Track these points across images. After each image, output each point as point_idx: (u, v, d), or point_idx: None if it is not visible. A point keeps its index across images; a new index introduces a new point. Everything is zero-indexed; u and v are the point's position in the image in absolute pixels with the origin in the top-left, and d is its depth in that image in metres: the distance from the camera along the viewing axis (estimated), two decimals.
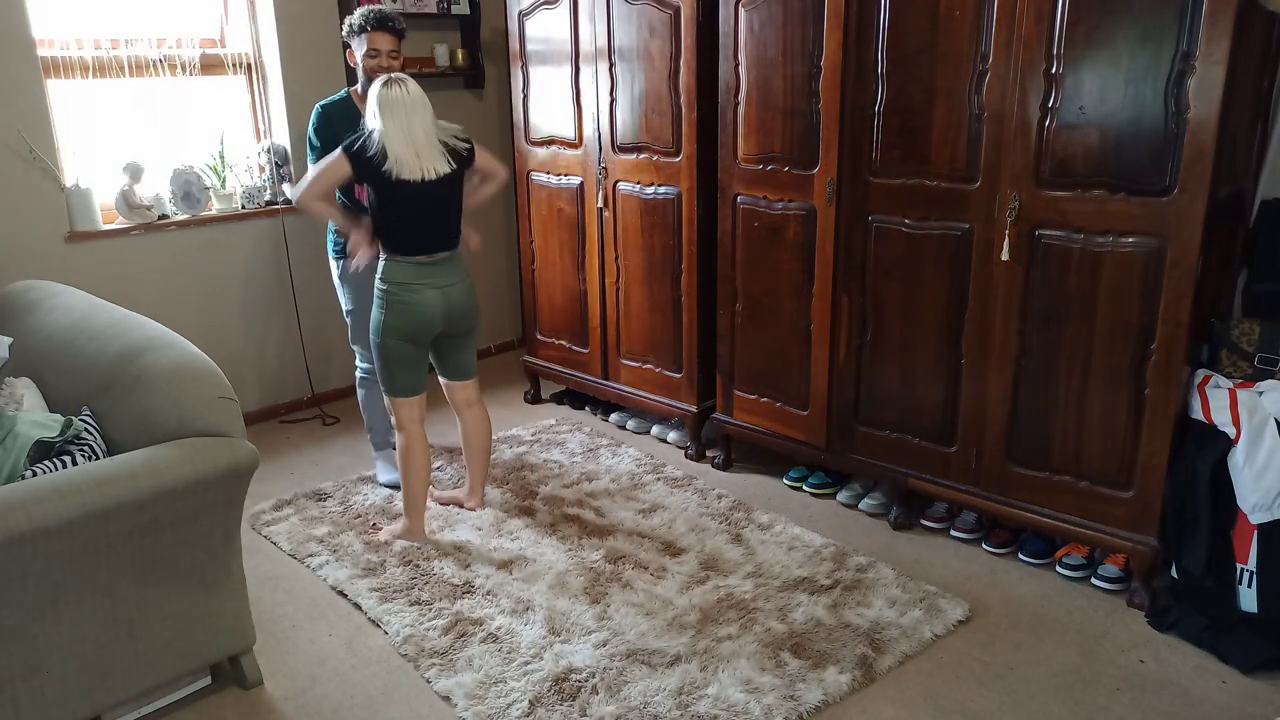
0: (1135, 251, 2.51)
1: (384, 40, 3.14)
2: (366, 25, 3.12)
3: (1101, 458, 2.69)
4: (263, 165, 4.07)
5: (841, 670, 2.40)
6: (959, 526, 3.09)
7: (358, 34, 3.14)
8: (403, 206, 2.80)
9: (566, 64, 3.73)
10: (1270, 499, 2.47)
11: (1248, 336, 2.70)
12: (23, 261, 3.40)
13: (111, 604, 2.07)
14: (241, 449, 2.18)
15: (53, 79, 3.47)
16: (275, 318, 4.16)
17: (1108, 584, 2.77)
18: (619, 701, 2.30)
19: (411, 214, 2.83)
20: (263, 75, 4.03)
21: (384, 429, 3.55)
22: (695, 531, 3.10)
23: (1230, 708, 2.30)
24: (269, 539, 3.14)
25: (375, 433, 3.58)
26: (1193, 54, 2.31)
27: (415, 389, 2.98)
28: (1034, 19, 2.52)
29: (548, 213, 4.01)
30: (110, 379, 2.31)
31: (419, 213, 2.83)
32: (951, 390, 2.95)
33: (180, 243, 3.82)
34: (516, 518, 3.20)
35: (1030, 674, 2.43)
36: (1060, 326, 2.68)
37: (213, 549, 2.23)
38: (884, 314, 3.05)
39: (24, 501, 1.87)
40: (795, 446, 3.39)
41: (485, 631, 2.57)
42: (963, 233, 2.80)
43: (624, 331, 3.85)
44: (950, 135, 2.75)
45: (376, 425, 3.56)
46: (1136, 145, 2.44)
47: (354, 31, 3.15)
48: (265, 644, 2.57)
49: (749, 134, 3.22)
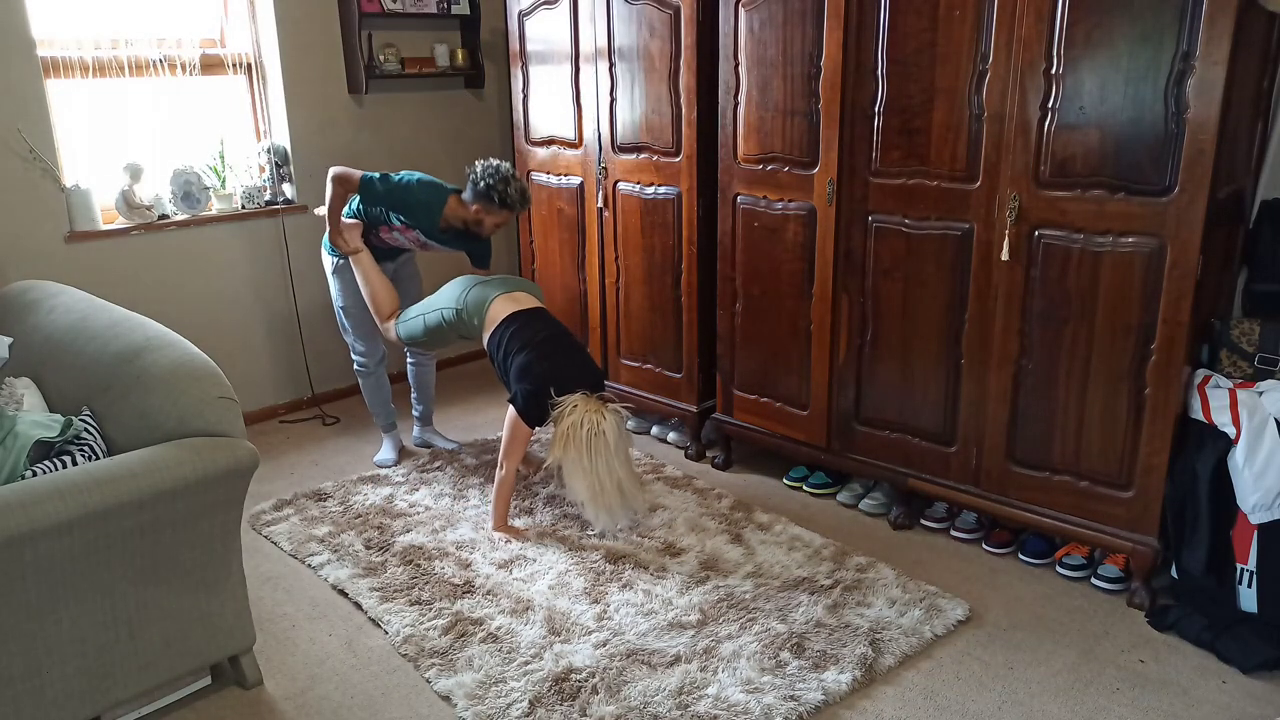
0: (1135, 252, 2.51)
1: (509, 219, 3.30)
2: (510, 205, 3.21)
3: (1101, 458, 2.69)
4: (263, 165, 4.07)
5: (841, 670, 2.40)
6: (959, 526, 3.09)
7: (497, 205, 3.20)
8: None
9: (566, 64, 3.73)
10: (1270, 499, 2.47)
11: (1248, 336, 2.70)
12: (23, 261, 3.41)
13: (111, 604, 2.07)
14: (241, 449, 2.18)
15: (53, 79, 3.46)
16: (275, 318, 4.16)
17: (1108, 584, 2.77)
18: (619, 701, 2.30)
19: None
20: (263, 75, 4.03)
21: (386, 412, 3.73)
22: (695, 531, 3.10)
23: (1230, 708, 2.30)
24: (269, 539, 3.14)
25: (379, 416, 3.74)
26: (1193, 54, 2.31)
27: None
28: (1034, 19, 2.52)
29: (548, 213, 4.01)
30: (110, 379, 2.31)
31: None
32: (951, 390, 2.95)
33: (180, 243, 3.82)
34: (516, 517, 3.20)
35: (1030, 674, 2.43)
36: (1060, 326, 2.68)
37: (213, 549, 2.23)
38: (884, 314, 3.05)
39: (24, 501, 1.87)
40: (795, 446, 3.39)
41: (485, 631, 2.57)
42: (963, 233, 2.80)
43: (624, 331, 3.85)
44: (950, 135, 2.75)
45: (379, 410, 3.72)
46: (1136, 145, 2.44)
47: (494, 201, 3.19)
48: (265, 644, 2.57)
49: (749, 134, 3.22)
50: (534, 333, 2.99)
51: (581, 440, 2.77)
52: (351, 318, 3.54)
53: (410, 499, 3.36)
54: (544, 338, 2.99)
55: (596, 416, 2.79)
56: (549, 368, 2.90)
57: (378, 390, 3.68)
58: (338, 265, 3.46)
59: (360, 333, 3.56)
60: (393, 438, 3.75)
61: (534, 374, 2.89)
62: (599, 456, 2.77)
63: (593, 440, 2.77)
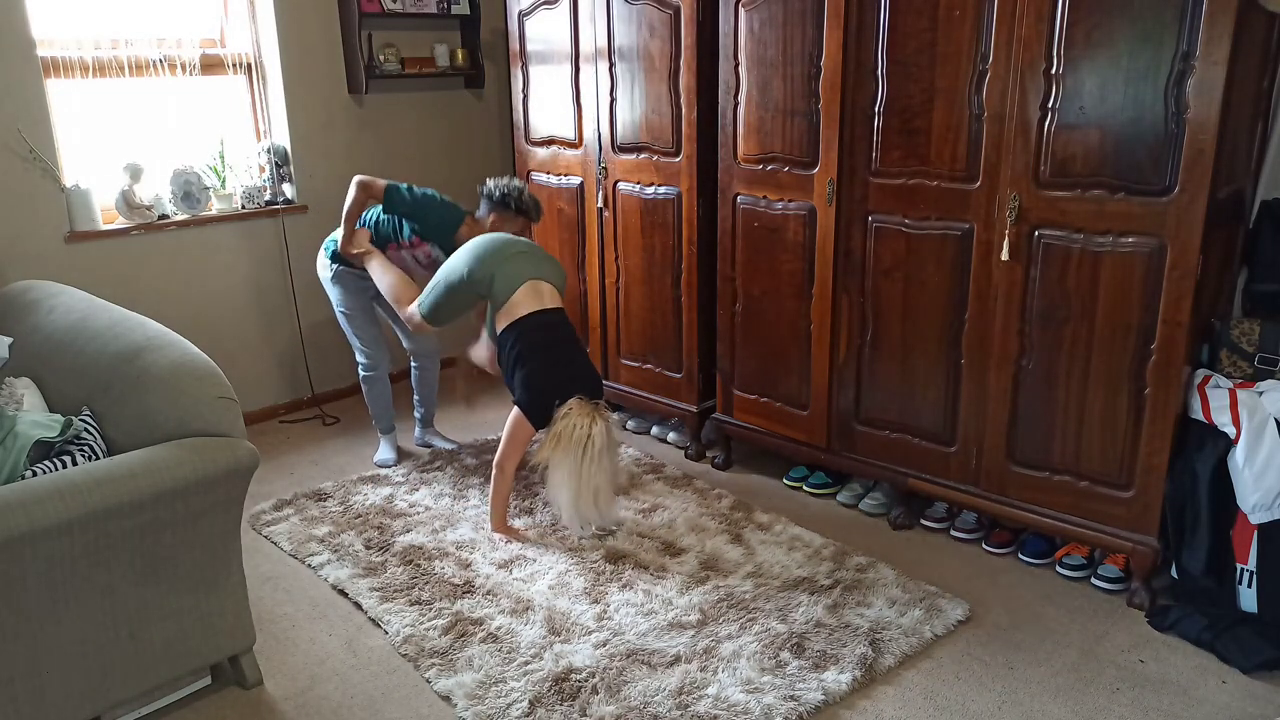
0: (1135, 252, 2.51)
1: (523, 226, 3.35)
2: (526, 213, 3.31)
3: (1101, 458, 2.69)
4: (263, 165, 4.07)
5: (841, 670, 2.40)
6: (959, 526, 3.09)
7: (513, 212, 3.28)
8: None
9: (566, 64, 3.73)
10: (1270, 499, 2.47)
11: (1248, 336, 2.70)
12: (23, 261, 3.40)
13: (111, 604, 2.07)
14: (241, 449, 2.18)
15: (53, 79, 3.46)
16: (275, 318, 4.16)
17: (1108, 584, 2.77)
18: (619, 701, 2.30)
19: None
20: (263, 75, 4.02)
21: (387, 415, 3.75)
22: (695, 531, 3.10)
23: (1230, 708, 2.30)
24: (269, 539, 3.14)
25: (379, 419, 3.75)
26: (1193, 54, 2.31)
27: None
28: (1034, 19, 2.52)
29: (548, 213, 4.01)
30: (110, 379, 2.31)
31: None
32: (951, 390, 2.95)
33: (180, 243, 3.82)
34: (516, 517, 3.20)
35: (1030, 674, 2.43)
36: (1060, 327, 2.68)
37: (213, 549, 2.23)
38: (884, 314, 3.05)
39: (24, 501, 1.87)
40: (795, 446, 3.39)
41: (485, 631, 2.57)
42: (963, 233, 2.80)
43: (624, 331, 3.85)
44: (950, 135, 2.75)
45: (380, 414, 3.73)
46: (1136, 145, 2.44)
47: (509, 207, 3.27)
48: (265, 644, 2.57)
49: (749, 134, 3.22)
50: (544, 337, 3.01)
51: (570, 443, 2.81)
52: (354, 323, 3.56)
53: (410, 499, 3.36)
54: (555, 339, 3.01)
55: (588, 421, 2.83)
56: (556, 373, 2.95)
57: (380, 395, 3.70)
58: (336, 272, 3.46)
59: (363, 337, 3.58)
60: (391, 439, 3.77)
61: (541, 378, 2.94)
62: (583, 461, 2.82)
63: (581, 444, 2.82)
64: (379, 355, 3.62)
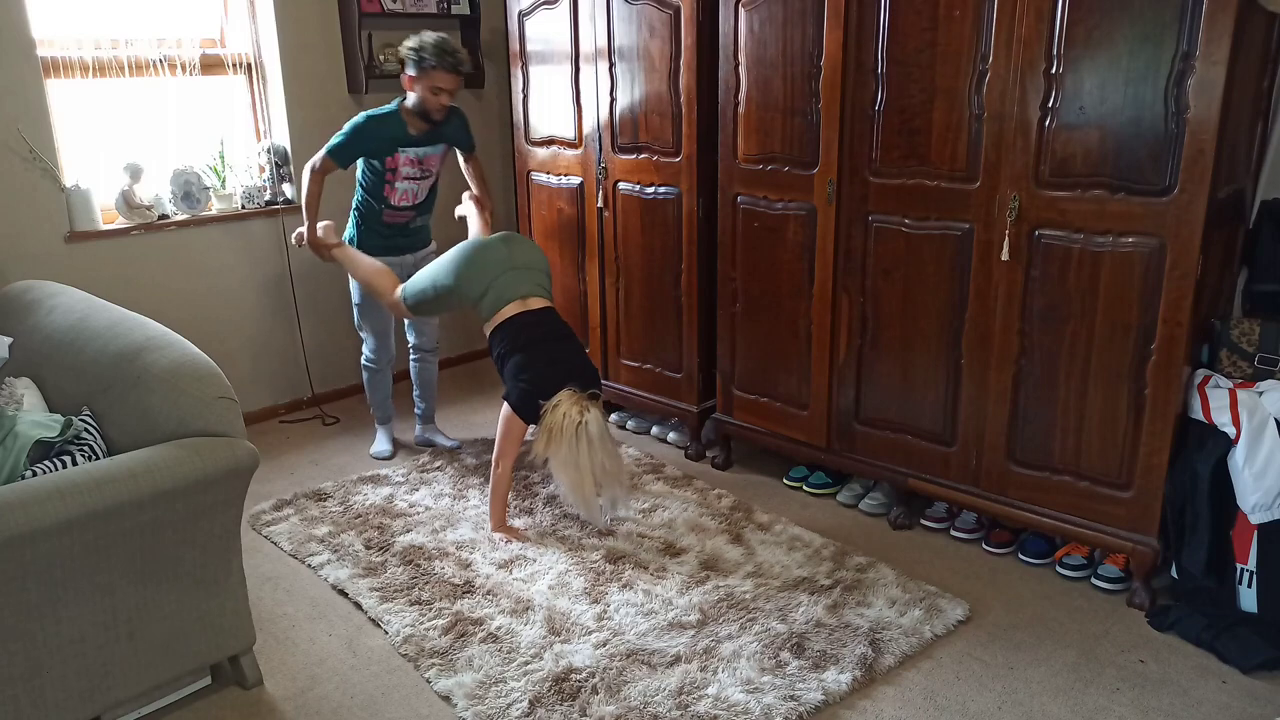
0: (1135, 251, 2.50)
1: (449, 80, 3.26)
2: (435, 63, 3.21)
3: (1101, 458, 2.69)
4: (263, 165, 4.07)
5: (841, 670, 2.40)
6: (959, 526, 3.09)
7: (423, 68, 3.22)
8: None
9: (566, 64, 3.73)
10: (1270, 499, 2.47)
11: (1248, 336, 2.70)
12: (23, 261, 3.40)
13: (111, 604, 2.07)
14: (241, 449, 2.18)
15: (53, 79, 3.46)
16: (275, 318, 4.16)
17: (1108, 584, 2.77)
18: (619, 701, 2.30)
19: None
20: (263, 75, 4.02)
21: (386, 406, 3.79)
22: (695, 531, 3.10)
23: (1230, 708, 2.30)
24: (269, 539, 3.14)
25: (377, 409, 3.79)
26: (1193, 54, 2.31)
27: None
28: (1034, 19, 2.52)
29: (548, 213, 4.01)
30: (110, 379, 2.31)
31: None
32: (951, 390, 2.95)
33: (180, 243, 3.82)
34: (516, 517, 3.20)
35: (1030, 674, 2.43)
36: (1060, 326, 2.68)
37: (213, 549, 2.23)
38: (884, 314, 3.05)
39: (24, 501, 1.87)
40: (795, 446, 3.39)
41: (485, 631, 2.57)
42: (963, 233, 2.80)
43: (624, 331, 3.85)
44: (950, 135, 2.75)
45: (379, 404, 3.77)
46: (1136, 145, 2.44)
47: (420, 64, 3.22)
48: (265, 644, 2.57)
49: (749, 134, 3.22)
50: (534, 332, 3.04)
51: (563, 435, 2.83)
52: (367, 315, 3.59)
53: (410, 499, 3.36)
54: (541, 335, 3.04)
55: (578, 410, 2.85)
56: (543, 367, 2.96)
57: (381, 385, 3.74)
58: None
59: (375, 330, 3.61)
60: (387, 430, 3.80)
61: (528, 372, 2.96)
62: (579, 449, 2.83)
63: (574, 434, 2.83)
64: (383, 350, 3.66)
